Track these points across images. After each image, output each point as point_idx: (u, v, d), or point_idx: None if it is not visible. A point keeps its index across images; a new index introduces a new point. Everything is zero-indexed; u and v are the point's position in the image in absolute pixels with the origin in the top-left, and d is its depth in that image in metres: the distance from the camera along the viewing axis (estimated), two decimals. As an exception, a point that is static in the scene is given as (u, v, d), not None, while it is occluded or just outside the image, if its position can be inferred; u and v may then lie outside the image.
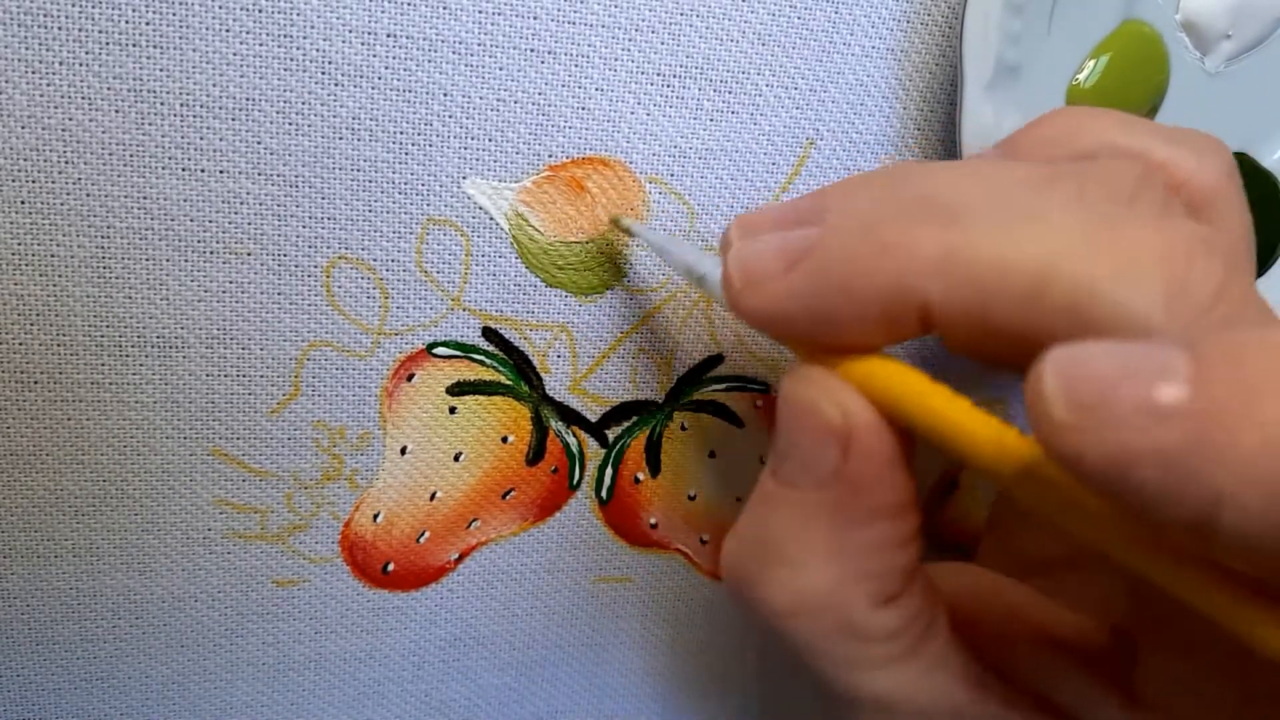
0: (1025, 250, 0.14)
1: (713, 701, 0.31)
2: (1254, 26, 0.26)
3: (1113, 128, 0.18)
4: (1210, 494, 0.11)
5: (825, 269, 0.16)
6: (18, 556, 0.24)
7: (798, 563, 0.16)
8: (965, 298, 0.14)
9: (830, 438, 0.16)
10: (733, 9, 0.23)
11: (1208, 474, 0.11)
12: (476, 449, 0.26)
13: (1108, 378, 0.12)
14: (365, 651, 0.27)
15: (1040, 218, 0.14)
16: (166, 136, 0.21)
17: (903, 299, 0.15)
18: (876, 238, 0.15)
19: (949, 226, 0.15)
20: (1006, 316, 0.14)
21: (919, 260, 0.15)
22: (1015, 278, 0.14)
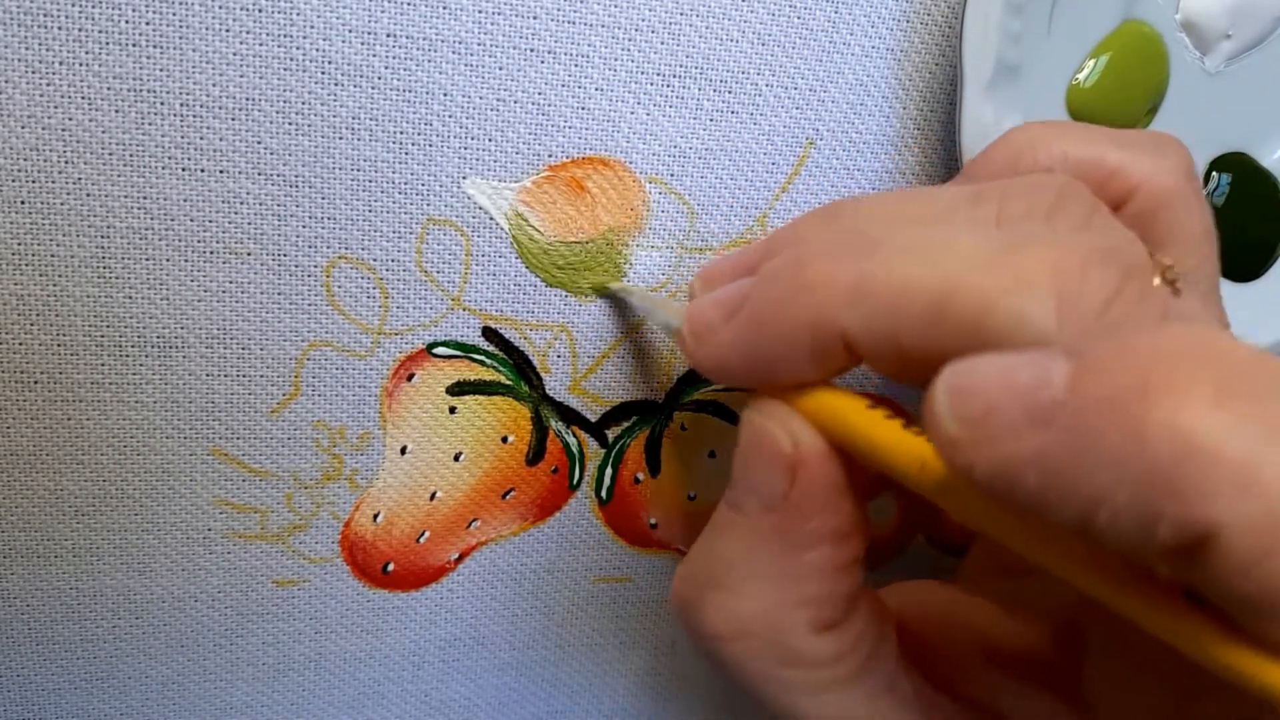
0: (927, 272, 0.15)
1: (713, 701, 0.31)
2: (1254, 26, 0.26)
3: (1067, 139, 0.19)
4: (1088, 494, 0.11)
5: (756, 315, 0.17)
6: (18, 556, 0.24)
7: (737, 587, 0.17)
8: (877, 324, 0.15)
9: (780, 464, 0.16)
10: (733, 9, 0.23)
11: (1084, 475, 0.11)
12: (476, 449, 0.26)
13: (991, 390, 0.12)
14: (365, 651, 0.27)
15: (947, 241, 0.15)
16: (166, 136, 0.21)
17: (824, 332, 0.15)
18: (798, 277, 0.16)
19: (864, 257, 0.15)
20: (915, 338, 0.14)
21: (836, 293, 0.15)
22: (918, 299, 0.14)
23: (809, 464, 0.16)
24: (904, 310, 0.15)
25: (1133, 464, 0.11)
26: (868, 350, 0.15)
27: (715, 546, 0.17)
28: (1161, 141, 0.19)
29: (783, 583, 0.16)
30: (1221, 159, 0.27)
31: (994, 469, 0.12)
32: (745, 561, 0.17)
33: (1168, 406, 0.11)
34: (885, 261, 0.15)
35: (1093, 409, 0.12)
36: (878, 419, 0.16)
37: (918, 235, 0.15)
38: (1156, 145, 0.19)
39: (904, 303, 0.15)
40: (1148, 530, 0.11)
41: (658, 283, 0.25)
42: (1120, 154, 0.18)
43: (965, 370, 0.13)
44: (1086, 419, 0.12)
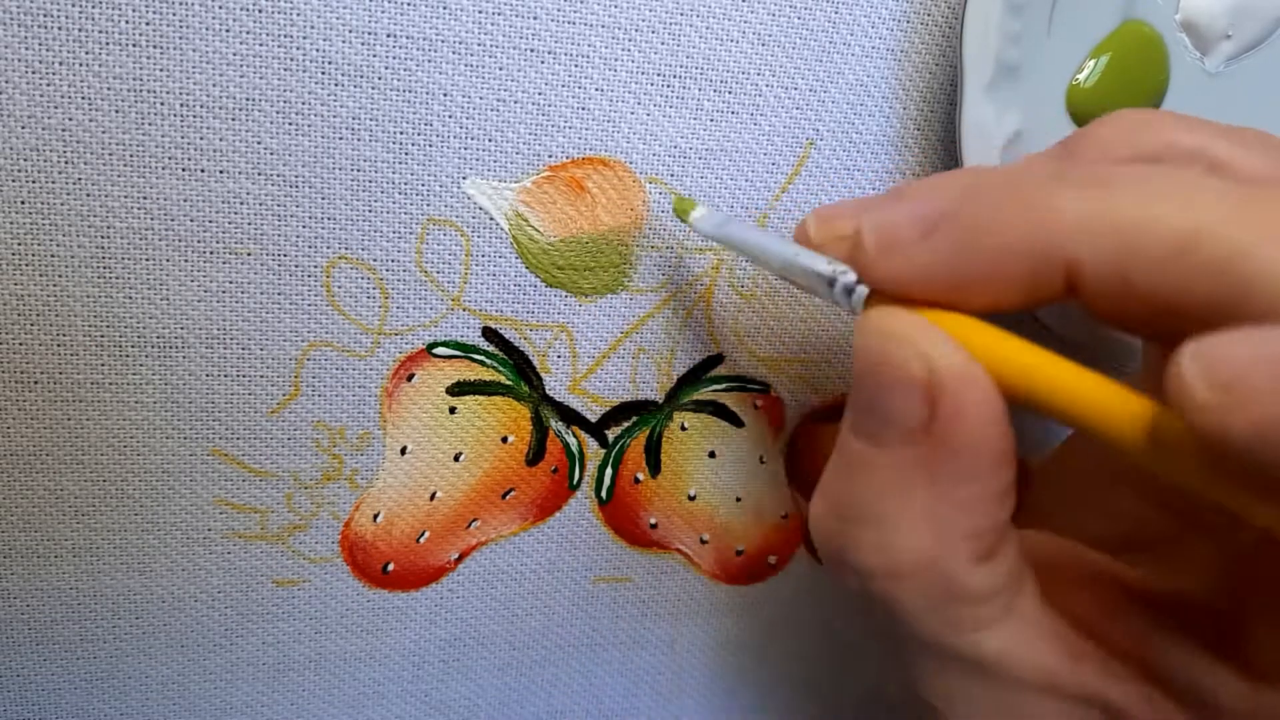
0: (1173, 212, 0.14)
1: (713, 701, 0.31)
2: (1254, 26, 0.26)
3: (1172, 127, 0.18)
4: None
5: (970, 231, 0.16)
6: (18, 556, 0.24)
7: (891, 523, 0.16)
8: (1112, 257, 0.14)
9: (914, 392, 0.15)
10: (733, 9, 0.23)
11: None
12: (476, 449, 0.26)
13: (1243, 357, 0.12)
14: (365, 651, 0.27)
15: (1185, 184, 0.15)
16: (166, 136, 0.21)
17: (1049, 258, 0.15)
18: (1024, 197, 0.15)
19: (1094, 190, 0.15)
20: (1153, 276, 0.14)
21: (1065, 220, 0.15)
22: (1163, 238, 0.14)
23: (951, 391, 0.15)
24: (1146, 245, 0.14)
25: None
26: (1095, 283, 0.15)
27: (855, 480, 0.16)
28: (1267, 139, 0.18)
29: (939, 517, 0.15)
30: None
31: (1251, 431, 0.12)
32: (894, 496, 0.16)
33: None
34: (1126, 194, 0.15)
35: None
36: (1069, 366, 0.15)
37: (1148, 179, 0.15)
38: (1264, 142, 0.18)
39: (1147, 239, 0.14)
40: None
41: (658, 283, 0.25)
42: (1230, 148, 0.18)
43: (1215, 341, 0.13)
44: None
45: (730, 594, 0.29)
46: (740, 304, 0.26)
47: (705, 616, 0.29)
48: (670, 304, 0.25)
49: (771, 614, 0.30)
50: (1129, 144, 0.18)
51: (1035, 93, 0.24)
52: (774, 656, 0.30)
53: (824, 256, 0.18)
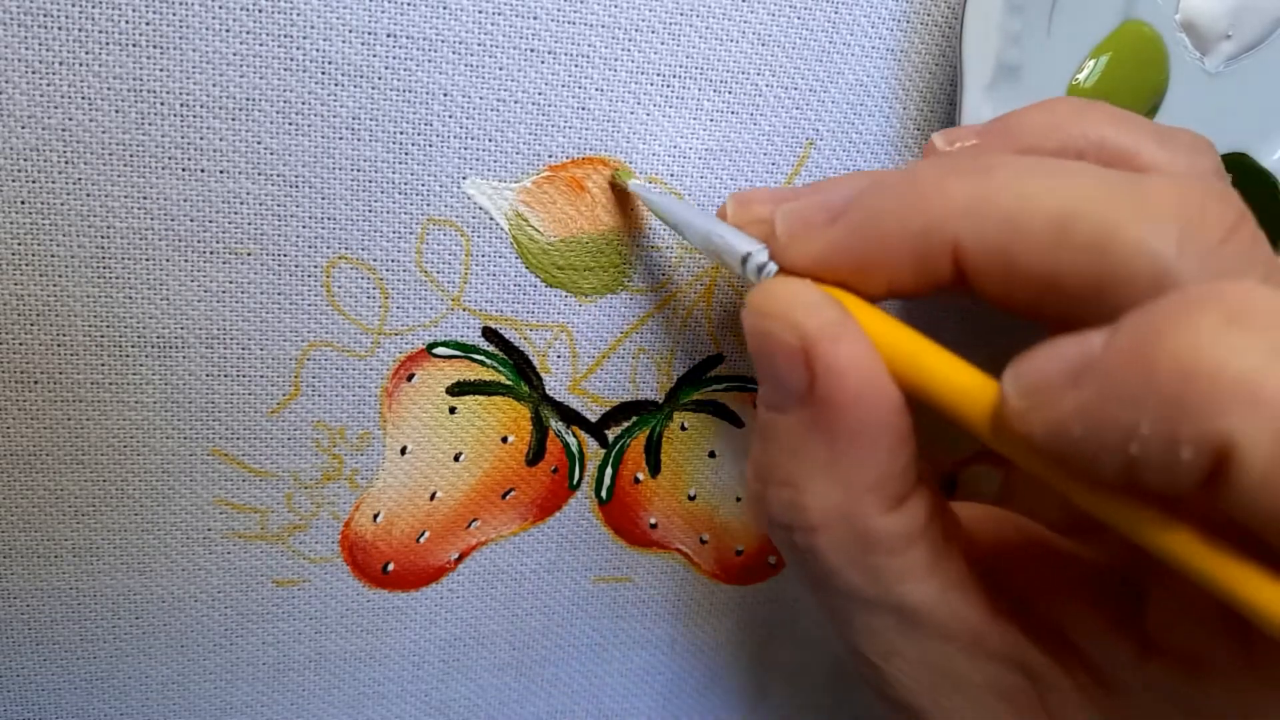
0: (1050, 194, 0.15)
1: (713, 701, 0.31)
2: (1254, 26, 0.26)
3: (1105, 122, 0.19)
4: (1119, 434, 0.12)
5: (865, 218, 0.17)
6: (18, 556, 0.24)
7: (800, 482, 0.17)
8: (993, 238, 0.15)
9: (792, 359, 0.16)
10: (733, 9, 0.23)
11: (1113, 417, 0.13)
12: (476, 449, 0.26)
13: (1043, 364, 0.14)
14: (365, 651, 0.27)
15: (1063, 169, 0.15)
16: (166, 136, 0.21)
17: (935, 240, 0.16)
18: (914, 186, 0.16)
19: (978, 175, 0.16)
20: (1033, 256, 0.15)
21: (951, 204, 0.16)
22: (1040, 216, 0.15)
23: (823, 353, 0.16)
24: (1024, 226, 0.15)
25: (1150, 396, 0.12)
26: (978, 265, 0.15)
27: (769, 447, 0.17)
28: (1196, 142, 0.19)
29: (840, 471, 0.16)
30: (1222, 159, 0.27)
31: (1047, 429, 0.14)
32: (799, 457, 0.17)
33: (1175, 336, 0.12)
34: (1008, 177, 0.15)
35: (1117, 359, 0.13)
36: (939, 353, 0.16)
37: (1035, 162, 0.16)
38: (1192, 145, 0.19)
39: (1024, 219, 0.15)
40: (1172, 455, 0.12)
41: (658, 283, 0.25)
42: (1156, 151, 0.18)
43: (1027, 355, 0.14)
44: (1113, 368, 0.13)
45: (730, 594, 0.29)
46: (740, 304, 0.26)
47: (705, 616, 0.29)
48: (670, 304, 0.25)
49: (771, 614, 0.30)
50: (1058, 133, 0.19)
51: (1035, 93, 0.24)
52: (774, 657, 0.30)
53: (743, 234, 0.19)
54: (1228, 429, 0.12)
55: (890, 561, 0.17)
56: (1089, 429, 0.13)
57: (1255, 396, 0.11)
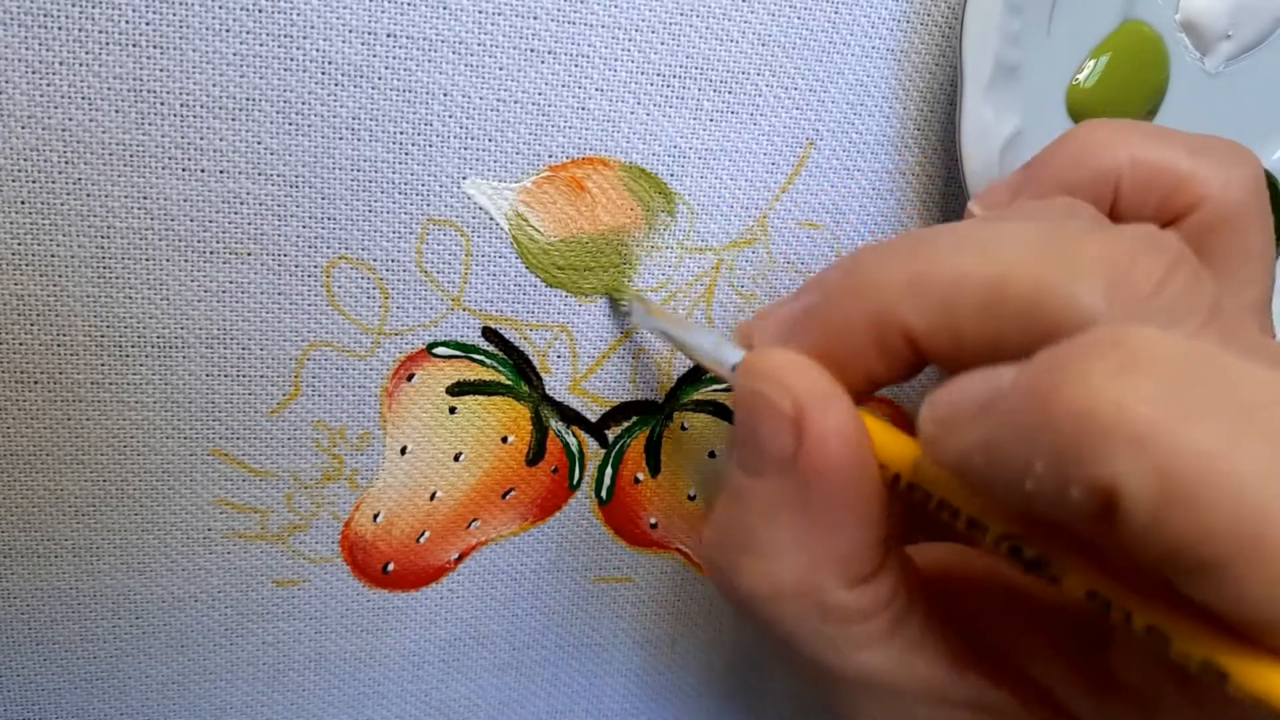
0: (982, 262, 0.15)
1: (713, 700, 0.31)
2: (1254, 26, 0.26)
3: (1134, 141, 0.18)
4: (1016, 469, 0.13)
5: (818, 324, 0.17)
6: (18, 556, 0.24)
7: (767, 550, 0.17)
8: (936, 315, 0.15)
9: (782, 424, 0.16)
10: (733, 9, 0.23)
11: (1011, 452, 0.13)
12: (476, 449, 0.26)
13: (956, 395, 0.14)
14: (365, 651, 0.27)
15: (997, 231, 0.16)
16: (166, 136, 0.21)
17: (886, 328, 0.16)
18: (855, 278, 0.17)
19: (916, 253, 0.16)
20: (974, 328, 0.15)
21: (893, 288, 0.16)
22: (975, 289, 0.15)
23: (813, 419, 0.16)
24: (961, 299, 0.15)
25: (1044, 435, 0.12)
26: (929, 342, 0.16)
27: (738, 511, 0.17)
28: (1234, 151, 0.19)
29: (810, 542, 0.16)
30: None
31: (953, 457, 0.14)
32: (770, 524, 0.17)
33: (1070, 382, 0.12)
34: (939, 254, 0.16)
35: (1020, 394, 0.13)
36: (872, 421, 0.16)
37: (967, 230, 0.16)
38: (1229, 155, 0.19)
39: (960, 292, 0.15)
40: (1063, 494, 0.12)
41: (657, 283, 0.25)
42: (1192, 162, 0.18)
43: (946, 386, 0.15)
44: (1014, 404, 0.13)
45: (730, 594, 0.29)
46: (740, 304, 0.26)
47: (705, 616, 0.29)
48: (670, 304, 0.25)
49: (771, 614, 0.30)
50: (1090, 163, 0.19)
51: (1035, 93, 0.24)
52: (773, 657, 0.30)
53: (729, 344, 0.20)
54: (1112, 473, 0.12)
55: (849, 631, 0.17)
56: (989, 462, 0.13)
57: (1140, 441, 0.12)
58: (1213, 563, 0.11)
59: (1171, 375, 0.12)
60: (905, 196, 0.26)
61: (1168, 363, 0.12)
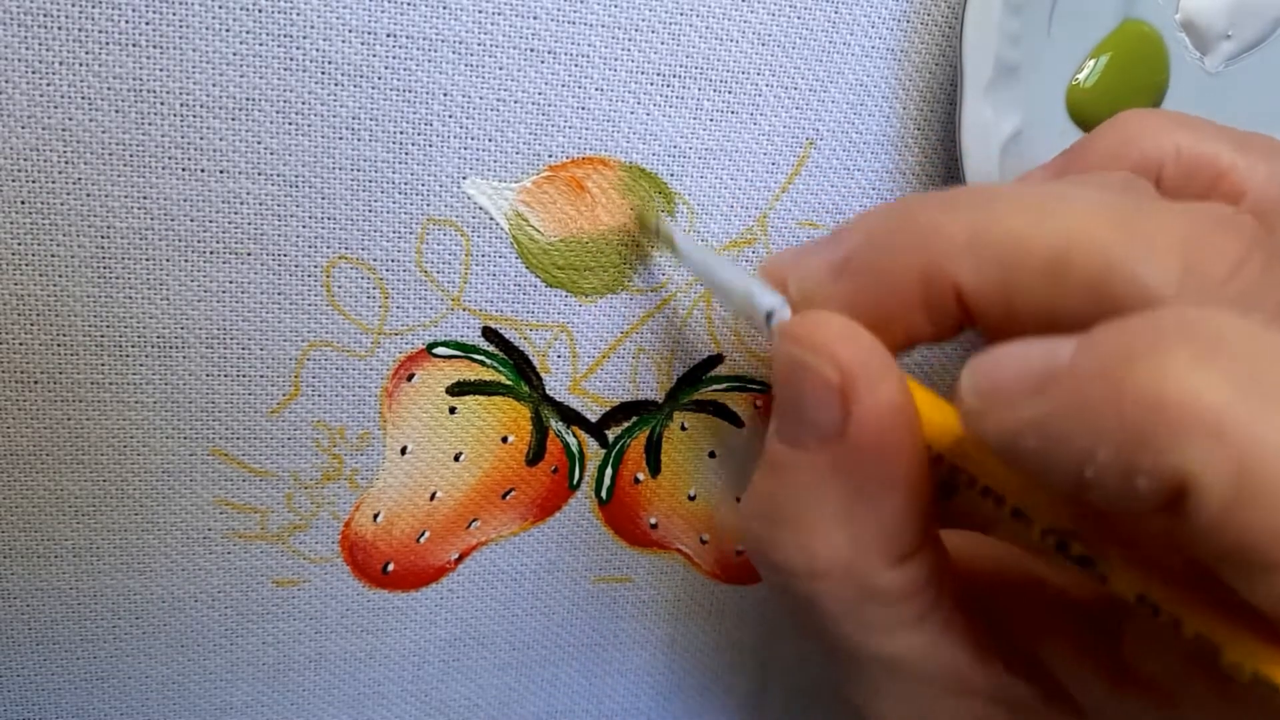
0: (1047, 227, 0.14)
1: (713, 701, 0.31)
2: (1254, 26, 0.26)
3: (1178, 131, 0.18)
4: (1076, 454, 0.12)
5: (866, 267, 0.16)
6: (18, 556, 0.24)
7: (810, 526, 0.16)
8: (991, 276, 0.15)
9: (829, 395, 0.15)
10: (733, 9, 0.23)
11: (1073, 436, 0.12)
12: (476, 449, 0.26)
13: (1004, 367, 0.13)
14: (365, 651, 0.27)
15: (1063, 200, 0.15)
16: (166, 136, 0.21)
17: (937, 282, 0.15)
18: (910, 226, 0.16)
19: (978, 209, 0.15)
20: (1031, 295, 0.14)
21: (949, 242, 0.15)
22: (1038, 254, 0.14)
23: (863, 395, 0.15)
24: (1021, 263, 0.14)
25: (1112, 422, 0.12)
26: (981, 304, 0.15)
27: (779, 484, 0.17)
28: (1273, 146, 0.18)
29: (855, 518, 0.16)
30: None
31: (1000, 434, 0.13)
32: (814, 498, 0.16)
33: (1145, 368, 0.12)
34: (1004, 212, 0.15)
35: (1083, 377, 0.12)
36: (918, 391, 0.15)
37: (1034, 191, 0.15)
38: (1272, 151, 0.18)
39: (1021, 255, 0.14)
40: (1128, 484, 0.12)
41: (658, 283, 0.25)
42: (1235, 156, 0.18)
43: (991, 351, 0.14)
44: (1078, 387, 0.12)
45: (730, 594, 0.29)
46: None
47: (705, 616, 0.29)
48: (670, 304, 0.25)
49: (771, 613, 0.30)
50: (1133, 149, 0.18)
51: (1035, 93, 0.24)
52: (774, 657, 0.30)
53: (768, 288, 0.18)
54: (1187, 463, 0.11)
55: (885, 613, 0.16)
56: (1044, 444, 0.13)
57: (1218, 432, 0.11)
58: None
59: (1252, 364, 0.12)
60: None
61: (1248, 351, 0.12)
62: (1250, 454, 0.11)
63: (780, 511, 0.16)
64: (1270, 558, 0.11)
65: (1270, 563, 0.11)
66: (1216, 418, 0.11)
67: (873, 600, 0.16)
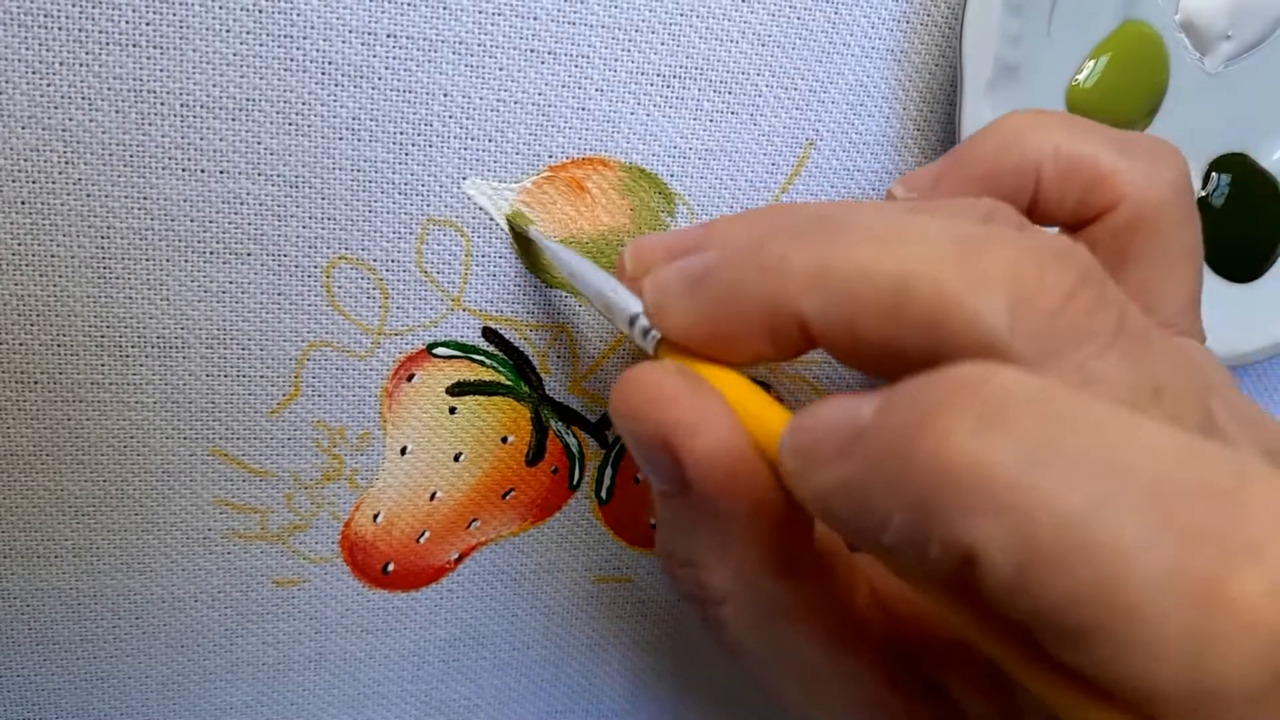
0: (886, 260, 0.14)
1: (713, 701, 0.31)
2: (1254, 26, 0.26)
3: (1061, 132, 0.18)
4: (875, 519, 0.12)
5: (716, 291, 0.16)
6: (18, 556, 0.24)
7: (699, 560, 0.17)
8: (833, 311, 0.15)
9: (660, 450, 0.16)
10: (733, 9, 0.23)
11: (871, 501, 0.12)
12: (476, 449, 0.26)
13: (818, 428, 0.13)
14: (365, 651, 0.27)
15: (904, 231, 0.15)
16: (166, 136, 0.21)
17: (782, 315, 0.15)
18: (758, 258, 0.16)
19: (825, 240, 0.15)
20: (874, 329, 0.14)
21: (795, 276, 0.15)
22: (878, 287, 0.14)
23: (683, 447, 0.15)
24: (861, 299, 0.14)
25: (904, 489, 0.12)
26: (824, 337, 0.15)
27: (665, 529, 0.17)
28: (1158, 149, 0.18)
29: (733, 550, 0.16)
30: (1221, 159, 0.27)
31: (812, 497, 0.14)
32: (693, 538, 0.17)
33: (931, 435, 0.12)
34: (846, 245, 0.15)
35: (880, 440, 0.12)
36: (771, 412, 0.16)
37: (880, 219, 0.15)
38: (1153, 153, 0.18)
39: (861, 291, 0.14)
40: (921, 551, 0.12)
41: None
42: (1115, 160, 0.18)
43: (809, 412, 0.14)
44: (875, 450, 0.12)
45: (730, 594, 0.29)
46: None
47: (705, 616, 0.29)
48: (670, 304, 0.25)
49: (771, 614, 0.30)
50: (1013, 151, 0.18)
51: (1035, 93, 0.24)
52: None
53: (631, 295, 0.19)
54: (971, 534, 0.11)
55: (787, 628, 0.17)
56: (850, 508, 0.13)
57: (998, 502, 0.11)
58: (1082, 629, 0.11)
59: (1037, 427, 0.11)
60: (905, 197, 0.26)
61: (1033, 412, 0.11)
62: (1033, 523, 0.11)
63: (675, 553, 0.17)
64: (1067, 625, 0.11)
65: (1068, 630, 0.11)
66: (997, 487, 0.11)
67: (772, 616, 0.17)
